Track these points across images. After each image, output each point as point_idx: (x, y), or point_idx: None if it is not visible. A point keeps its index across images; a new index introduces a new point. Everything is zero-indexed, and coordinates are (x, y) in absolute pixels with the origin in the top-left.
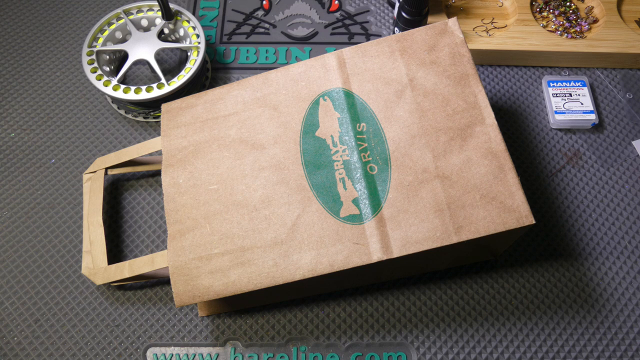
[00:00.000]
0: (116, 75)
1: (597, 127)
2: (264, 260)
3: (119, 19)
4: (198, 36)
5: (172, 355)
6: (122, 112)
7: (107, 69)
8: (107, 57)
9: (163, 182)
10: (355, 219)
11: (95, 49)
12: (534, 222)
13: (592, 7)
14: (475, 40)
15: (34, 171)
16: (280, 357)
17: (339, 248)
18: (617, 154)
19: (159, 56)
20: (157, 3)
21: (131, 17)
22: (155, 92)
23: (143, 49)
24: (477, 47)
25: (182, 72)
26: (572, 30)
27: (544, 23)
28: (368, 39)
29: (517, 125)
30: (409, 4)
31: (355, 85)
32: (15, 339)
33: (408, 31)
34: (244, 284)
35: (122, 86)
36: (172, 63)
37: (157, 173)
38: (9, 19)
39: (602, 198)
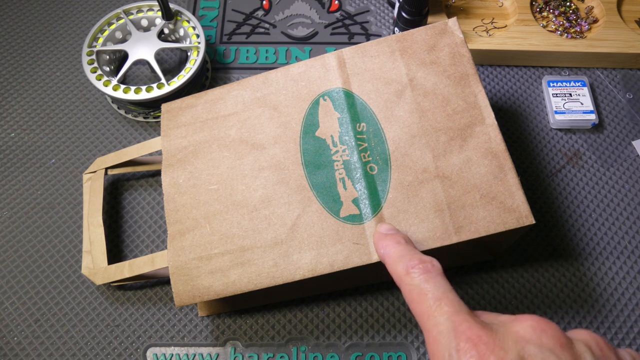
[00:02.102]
0: (116, 75)
1: (597, 127)
2: (264, 260)
3: (119, 19)
4: (198, 36)
5: (172, 355)
6: (122, 112)
7: (107, 69)
8: (107, 57)
9: (163, 182)
10: (355, 219)
11: (95, 49)
12: (534, 222)
13: (592, 7)
14: (475, 40)
15: (34, 171)
16: (280, 357)
17: (339, 248)
18: (617, 154)
19: (159, 56)
20: (157, 3)
21: (131, 17)
22: (155, 92)
23: (143, 49)
24: (477, 47)
25: (182, 72)
26: (572, 30)
27: (544, 23)
28: (368, 39)
29: (517, 125)
30: (409, 4)
31: (355, 85)
32: (15, 339)
33: (408, 31)
34: (244, 284)
35: (122, 86)
36: (172, 63)
37: (157, 173)
38: (9, 19)
39: (602, 198)
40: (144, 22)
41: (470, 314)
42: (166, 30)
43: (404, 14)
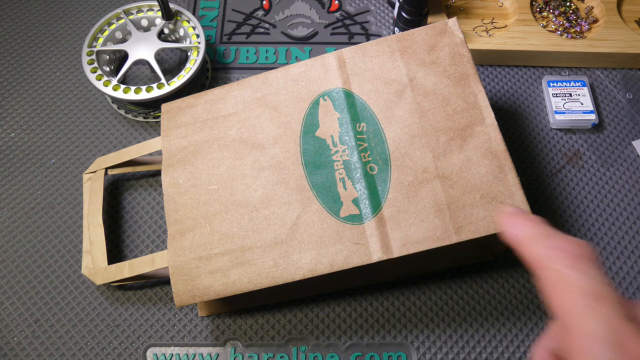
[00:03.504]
0: (116, 75)
1: (597, 127)
2: (264, 260)
3: (119, 19)
4: (198, 36)
5: (172, 355)
6: (122, 112)
7: (107, 69)
8: (107, 57)
9: (163, 182)
10: (355, 219)
11: (95, 49)
12: None
13: (592, 7)
14: (475, 40)
15: (34, 171)
16: (280, 357)
17: (339, 248)
18: (617, 154)
19: (159, 56)
20: (157, 3)
21: (131, 17)
22: (155, 92)
23: (143, 49)
24: (477, 47)
25: (182, 72)
26: (572, 30)
27: (544, 23)
28: (368, 39)
29: (517, 125)
30: (409, 4)
31: (355, 85)
32: (15, 339)
33: (408, 31)
34: (244, 284)
35: (122, 86)
36: (172, 63)
37: (157, 173)
38: (9, 19)
39: (602, 198)
40: (144, 22)
41: (632, 319)
42: (166, 30)
43: (404, 14)
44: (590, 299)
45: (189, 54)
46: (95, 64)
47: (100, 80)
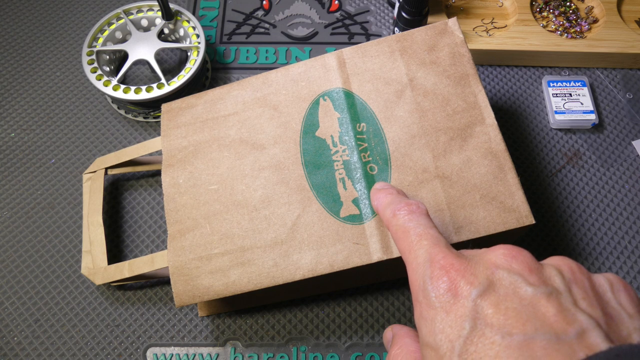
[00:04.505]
0: (116, 75)
1: (597, 127)
2: (264, 260)
3: (119, 19)
4: (198, 36)
5: (172, 355)
6: (122, 112)
7: (107, 69)
8: (107, 57)
9: (163, 182)
10: (355, 219)
11: (95, 49)
12: (534, 222)
13: (592, 7)
14: (475, 40)
15: (34, 171)
16: (280, 357)
17: (339, 248)
18: (617, 154)
19: (159, 56)
20: (157, 3)
21: (131, 17)
22: (155, 92)
23: (143, 49)
24: (477, 47)
25: (182, 72)
26: (572, 30)
27: (544, 23)
28: (368, 39)
29: (517, 125)
30: (409, 4)
31: (355, 85)
32: (15, 339)
33: (408, 31)
34: (244, 284)
35: (122, 86)
36: (172, 63)
37: (157, 173)
38: (9, 19)
39: (602, 198)
40: (144, 22)
41: (448, 247)
42: (166, 30)
43: (404, 14)
44: (419, 237)
45: (189, 54)
46: (95, 64)
47: (100, 80)
